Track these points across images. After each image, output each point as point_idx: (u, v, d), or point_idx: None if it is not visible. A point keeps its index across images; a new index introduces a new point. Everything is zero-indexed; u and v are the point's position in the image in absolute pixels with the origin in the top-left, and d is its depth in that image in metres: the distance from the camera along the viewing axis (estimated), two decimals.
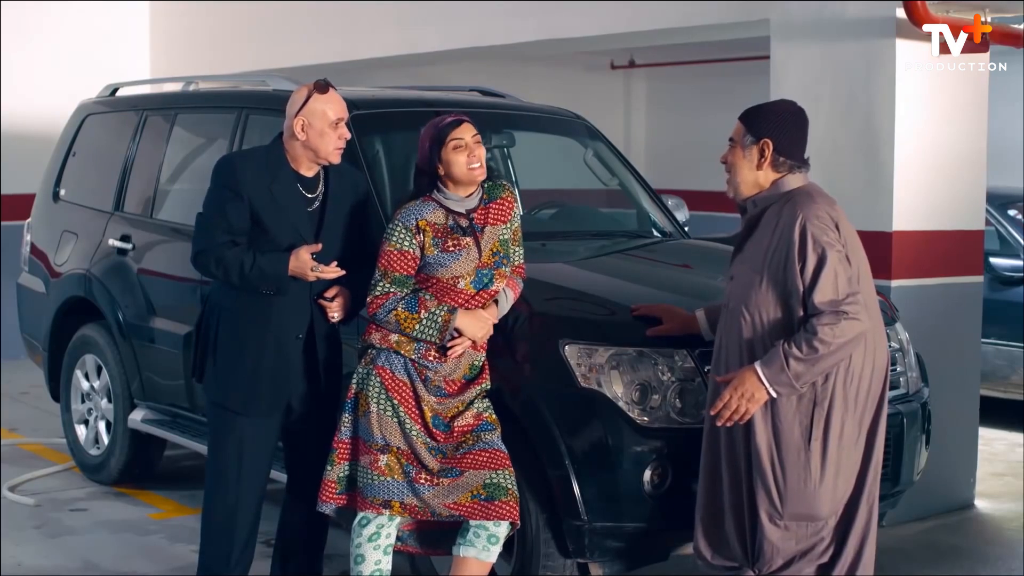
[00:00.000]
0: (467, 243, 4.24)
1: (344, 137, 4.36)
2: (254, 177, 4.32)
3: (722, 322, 4.17)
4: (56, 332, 6.87)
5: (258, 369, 4.37)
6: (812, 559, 4.11)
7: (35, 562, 5.50)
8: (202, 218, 4.42)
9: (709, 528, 4.20)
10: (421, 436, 4.21)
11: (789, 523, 4.05)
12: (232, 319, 4.41)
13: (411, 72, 10.21)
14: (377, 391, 4.23)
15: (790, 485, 4.02)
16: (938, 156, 6.12)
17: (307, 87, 4.37)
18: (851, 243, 4.02)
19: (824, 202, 4.06)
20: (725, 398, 3.98)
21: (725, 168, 4.19)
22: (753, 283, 4.03)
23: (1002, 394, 7.99)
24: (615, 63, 13.16)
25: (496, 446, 4.24)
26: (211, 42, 10.83)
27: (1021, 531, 6.07)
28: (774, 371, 3.92)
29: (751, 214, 4.15)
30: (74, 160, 7.10)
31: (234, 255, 4.29)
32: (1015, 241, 8.15)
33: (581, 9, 7.51)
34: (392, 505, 4.22)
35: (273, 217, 4.32)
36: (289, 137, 4.37)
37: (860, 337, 3.97)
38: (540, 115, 6.29)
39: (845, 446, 4.04)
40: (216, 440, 4.53)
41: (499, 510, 4.18)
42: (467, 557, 4.24)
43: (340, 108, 4.35)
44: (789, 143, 4.10)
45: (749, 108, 4.17)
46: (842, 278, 3.93)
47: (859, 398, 4.04)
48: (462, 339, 4.22)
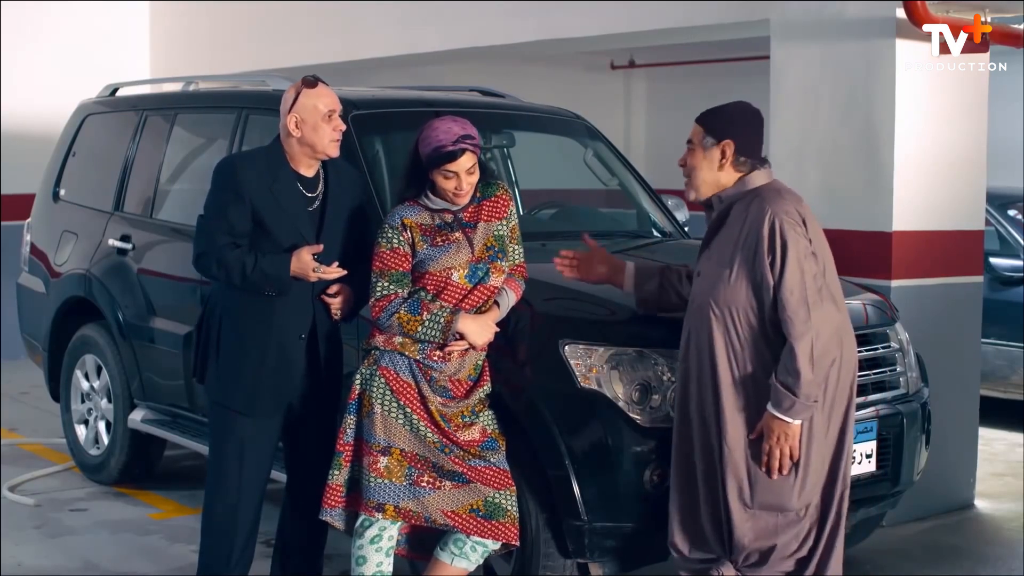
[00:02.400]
0: (456, 237, 4.24)
1: (339, 128, 4.36)
2: (255, 178, 4.32)
3: (690, 318, 4.20)
4: (56, 332, 6.87)
5: (261, 369, 4.37)
6: (790, 553, 4.14)
7: (35, 562, 5.50)
8: (203, 220, 4.42)
9: (685, 521, 4.22)
10: (431, 436, 4.20)
11: (759, 512, 4.09)
12: (234, 319, 4.41)
13: (411, 72, 10.20)
14: (382, 392, 4.22)
15: (760, 474, 4.07)
16: (938, 156, 6.12)
17: (295, 85, 4.38)
18: (817, 239, 4.08)
19: (792, 198, 4.13)
20: (766, 451, 4.04)
21: (684, 171, 4.25)
22: (721, 278, 4.08)
23: (1002, 394, 7.99)
24: (615, 63, 13.17)
25: (500, 465, 4.24)
26: (211, 42, 10.83)
27: (1021, 531, 6.07)
28: (786, 406, 3.98)
29: (718, 211, 4.21)
30: (74, 160, 7.10)
31: (235, 257, 4.29)
32: (1015, 241, 8.15)
33: (581, 9, 7.51)
34: (386, 508, 4.21)
35: (275, 218, 4.32)
36: (285, 136, 4.37)
37: (838, 327, 4.04)
38: (540, 115, 6.29)
39: (815, 437, 4.08)
40: (217, 440, 4.53)
41: (496, 530, 4.19)
42: (456, 567, 4.26)
43: (331, 100, 4.35)
44: (749, 142, 4.18)
45: (706, 111, 4.25)
46: (809, 273, 3.99)
47: (827, 391, 4.07)
48: (463, 341, 4.22)
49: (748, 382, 4.07)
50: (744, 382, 4.07)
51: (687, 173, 4.24)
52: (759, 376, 4.05)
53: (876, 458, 4.69)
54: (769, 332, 4.03)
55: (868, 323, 4.83)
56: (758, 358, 4.05)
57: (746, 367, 4.07)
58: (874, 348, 4.77)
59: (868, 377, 4.69)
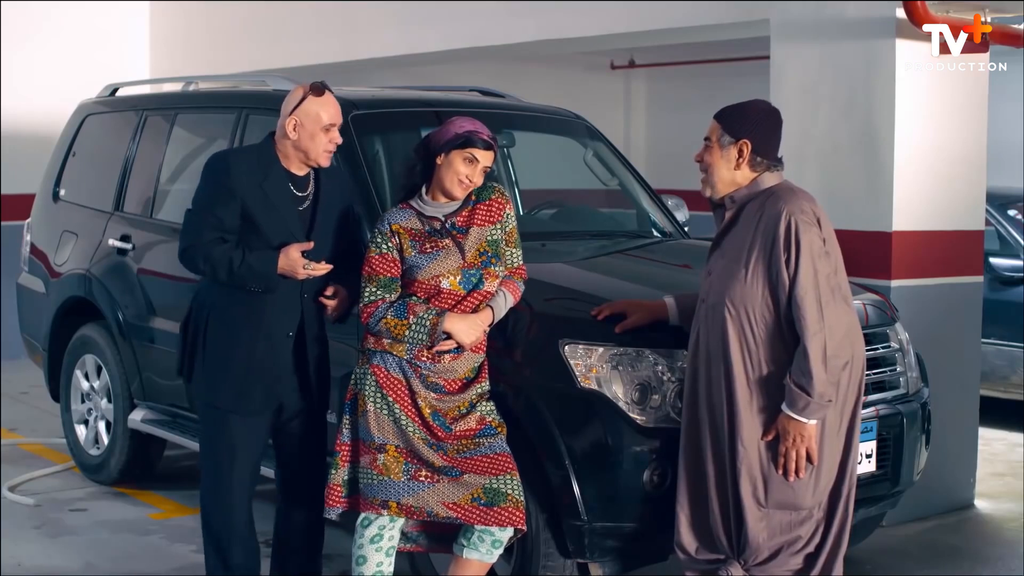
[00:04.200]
0: (446, 244, 4.23)
1: (335, 141, 4.35)
2: (246, 174, 4.30)
3: (701, 317, 4.18)
4: (56, 332, 6.87)
5: (249, 367, 4.36)
6: (798, 549, 4.14)
7: (35, 562, 5.50)
8: (191, 214, 4.39)
9: (694, 522, 4.22)
10: (419, 432, 4.20)
11: (773, 511, 4.08)
12: (221, 317, 4.39)
13: (411, 72, 10.20)
14: (373, 390, 4.22)
15: (774, 473, 4.06)
16: (938, 156, 6.12)
17: (303, 87, 4.36)
18: (830, 238, 4.09)
19: (805, 197, 4.13)
20: (783, 453, 4.03)
21: (700, 167, 4.23)
22: (736, 276, 4.06)
23: (1002, 394, 7.99)
24: (615, 63, 13.17)
25: (498, 450, 4.23)
26: (211, 42, 10.83)
27: (1021, 531, 6.07)
28: (801, 407, 3.97)
29: (730, 210, 4.19)
30: (74, 160, 7.10)
31: (222, 252, 4.28)
32: (1015, 241, 8.15)
33: (581, 9, 7.51)
34: (390, 505, 4.21)
35: (264, 215, 4.31)
36: (281, 136, 4.36)
37: (851, 327, 4.04)
38: (540, 115, 6.29)
39: (828, 435, 4.08)
40: (207, 439, 4.53)
41: (499, 516, 4.16)
42: (469, 559, 4.24)
43: (334, 113, 4.34)
44: (766, 143, 4.16)
45: (725, 108, 4.22)
46: (822, 273, 3.99)
47: (840, 387, 4.06)
48: (451, 341, 4.21)
49: (763, 381, 4.06)
50: (759, 382, 4.06)
51: (703, 169, 4.22)
52: (774, 375, 4.04)
53: (876, 458, 4.69)
54: (785, 331, 4.02)
55: (868, 323, 4.83)
56: (773, 357, 4.04)
57: (761, 366, 4.05)
58: (874, 348, 4.77)
59: (868, 377, 4.68)
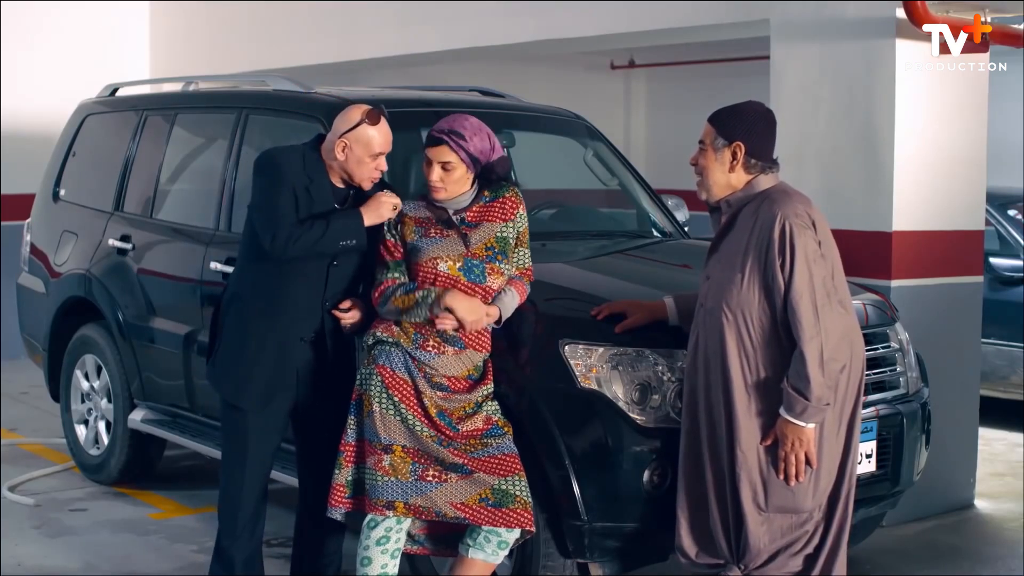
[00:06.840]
0: (450, 234, 4.27)
1: (381, 169, 4.36)
2: (294, 174, 4.33)
3: (699, 322, 4.18)
4: (56, 332, 6.87)
5: (255, 362, 4.39)
6: (798, 551, 4.14)
7: (35, 562, 5.49)
8: (260, 211, 4.34)
9: (694, 525, 4.22)
10: (426, 431, 4.20)
11: (774, 515, 4.08)
12: (241, 311, 4.43)
13: (411, 72, 10.20)
14: (378, 390, 4.23)
15: (773, 477, 4.06)
16: (938, 156, 6.12)
17: (361, 109, 4.33)
18: (826, 241, 4.08)
19: (801, 200, 4.12)
20: (782, 457, 4.03)
21: (695, 170, 4.23)
22: (732, 281, 4.06)
23: (1002, 394, 7.99)
24: (615, 63, 13.16)
25: (506, 451, 4.22)
26: (211, 42, 10.83)
27: (1021, 531, 6.07)
28: (798, 411, 3.97)
29: (726, 214, 4.18)
30: (74, 160, 7.10)
31: (307, 225, 4.26)
32: (1015, 241, 8.15)
33: (581, 9, 7.51)
34: (396, 506, 4.20)
35: (307, 215, 4.33)
36: (328, 150, 4.36)
37: (847, 330, 4.03)
38: (540, 115, 6.29)
39: (827, 437, 4.08)
40: (223, 431, 4.62)
41: (507, 517, 4.16)
42: (474, 559, 4.24)
43: (386, 142, 4.34)
44: (760, 145, 4.15)
45: (719, 110, 4.21)
46: (818, 276, 3.98)
47: (839, 390, 4.07)
48: (450, 316, 4.20)
49: (761, 386, 4.05)
50: (757, 386, 4.06)
51: (698, 173, 4.22)
52: (772, 380, 4.04)
53: (876, 458, 4.68)
54: (782, 335, 4.02)
55: (868, 323, 4.83)
56: (770, 362, 4.04)
57: (759, 371, 4.05)
58: (874, 348, 4.77)
59: (868, 377, 4.68)
